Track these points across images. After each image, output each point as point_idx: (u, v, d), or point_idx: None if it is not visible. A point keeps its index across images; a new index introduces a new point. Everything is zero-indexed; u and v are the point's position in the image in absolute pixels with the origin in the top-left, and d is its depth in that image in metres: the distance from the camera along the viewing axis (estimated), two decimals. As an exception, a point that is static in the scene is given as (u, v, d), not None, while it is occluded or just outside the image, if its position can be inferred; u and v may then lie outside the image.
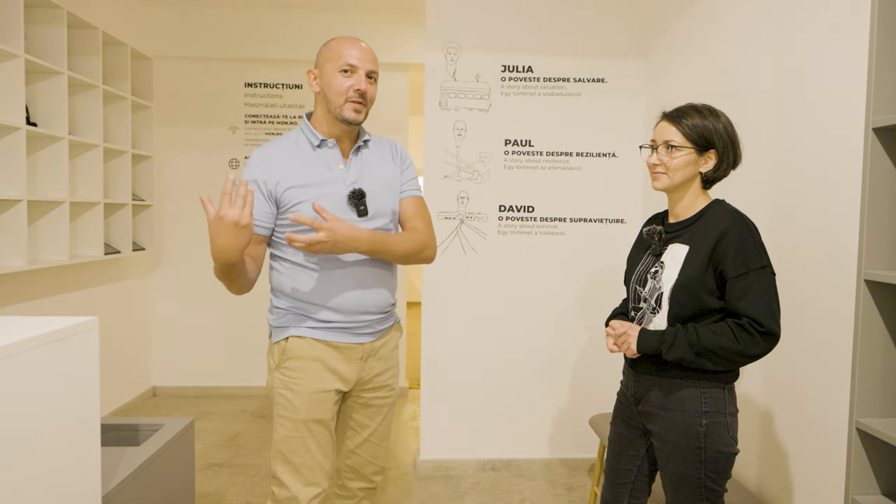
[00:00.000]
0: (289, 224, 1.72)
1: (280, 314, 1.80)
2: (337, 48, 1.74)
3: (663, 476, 1.68)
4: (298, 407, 1.75)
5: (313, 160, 1.76)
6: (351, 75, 1.72)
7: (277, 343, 1.79)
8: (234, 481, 3.14)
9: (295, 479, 1.76)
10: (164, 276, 4.58)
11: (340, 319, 1.78)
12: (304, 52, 4.38)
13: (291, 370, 1.76)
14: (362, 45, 1.77)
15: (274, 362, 1.79)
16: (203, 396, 4.58)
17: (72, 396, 1.42)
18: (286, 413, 1.76)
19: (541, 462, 3.34)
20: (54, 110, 3.27)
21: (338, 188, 1.75)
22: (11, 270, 2.90)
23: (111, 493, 1.72)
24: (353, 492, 1.97)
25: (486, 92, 3.24)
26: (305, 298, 1.76)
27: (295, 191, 1.71)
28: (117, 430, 2.22)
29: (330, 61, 1.73)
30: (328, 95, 1.74)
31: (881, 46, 1.41)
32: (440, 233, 3.24)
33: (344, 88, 1.72)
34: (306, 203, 1.71)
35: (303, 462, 1.76)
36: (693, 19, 2.79)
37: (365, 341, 1.83)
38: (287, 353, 1.77)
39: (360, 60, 1.73)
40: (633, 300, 1.74)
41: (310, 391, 1.76)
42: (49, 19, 3.24)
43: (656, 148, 1.67)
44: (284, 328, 1.78)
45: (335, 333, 1.78)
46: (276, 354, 1.79)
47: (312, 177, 1.74)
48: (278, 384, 1.78)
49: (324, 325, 1.77)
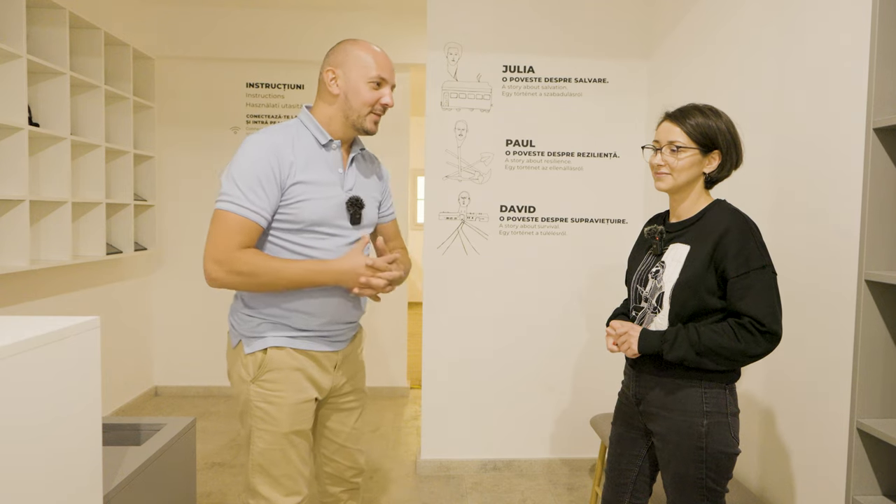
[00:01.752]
0: (284, 220, 1.66)
1: (253, 322, 1.71)
2: (366, 57, 1.70)
3: (664, 476, 1.68)
4: (279, 419, 1.70)
5: (318, 159, 1.70)
6: (380, 88, 1.72)
7: (252, 354, 1.70)
8: (235, 481, 3.14)
9: (275, 490, 1.72)
10: (165, 276, 4.59)
11: (318, 327, 1.73)
12: (306, 53, 4.39)
13: (271, 382, 1.70)
14: (384, 54, 1.75)
15: (249, 374, 1.71)
16: (204, 396, 4.58)
17: (73, 396, 1.42)
18: (266, 426, 1.70)
19: (542, 462, 3.34)
20: (56, 110, 3.28)
21: (337, 192, 1.72)
22: (14, 270, 2.91)
23: (112, 492, 1.73)
24: (336, 496, 1.96)
25: (488, 92, 3.24)
26: (285, 305, 1.69)
27: (301, 187, 1.65)
28: (119, 430, 2.22)
29: (358, 69, 1.70)
30: (352, 103, 1.70)
31: (882, 46, 1.41)
32: (441, 233, 3.25)
33: (372, 100, 1.70)
34: (311, 201, 1.66)
35: (284, 473, 1.72)
36: (694, 20, 2.79)
37: (339, 349, 1.81)
38: (266, 366, 1.69)
39: (389, 73, 1.73)
40: (635, 300, 1.74)
41: (290, 403, 1.71)
42: (51, 20, 3.25)
43: (660, 148, 1.66)
44: (260, 338, 1.70)
45: (312, 342, 1.74)
46: (250, 366, 1.70)
47: (318, 175, 1.69)
48: (255, 397, 1.70)
49: (302, 334, 1.72)
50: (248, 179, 1.59)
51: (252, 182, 1.59)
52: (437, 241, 3.26)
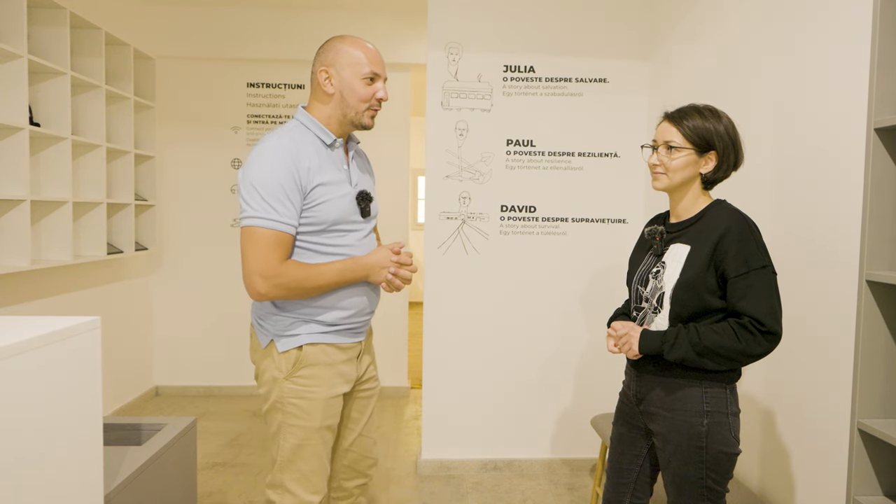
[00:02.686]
0: (308, 223, 1.69)
1: (286, 321, 1.75)
2: (357, 54, 1.73)
3: (665, 476, 1.68)
4: (313, 414, 1.74)
5: (326, 159, 1.74)
6: (374, 83, 1.75)
7: (287, 352, 1.74)
8: (236, 481, 3.14)
9: (303, 487, 1.75)
10: (166, 276, 4.59)
11: (347, 321, 1.79)
12: (307, 52, 4.34)
13: (306, 378, 1.74)
14: (374, 47, 1.79)
15: (283, 372, 1.74)
16: (205, 396, 4.59)
17: (74, 396, 1.43)
18: (298, 422, 1.74)
19: (543, 462, 3.34)
20: (57, 110, 3.28)
21: (347, 189, 1.77)
22: (15, 270, 2.91)
23: (113, 492, 1.73)
24: (349, 491, 1.98)
25: (488, 92, 3.24)
26: (316, 303, 1.74)
27: (321, 189, 1.69)
28: (120, 430, 2.23)
29: (351, 66, 1.72)
30: (348, 100, 1.73)
31: (883, 46, 1.41)
32: (442, 233, 3.25)
33: (368, 96, 1.74)
34: (329, 202, 1.70)
35: (312, 469, 1.76)
36: (695, 20, 2.79)
37: (361, 339, 1.87)
38: (302, 362, 1.73)
39: (381, 68, 1.76)
40: (635, 300, 1.74)
41: (323, 398, 1.75)
42: (52, 20, 3.25)
43: (657, 148, 1.67)
44: (294, 336, 1.74)
45: (341, 335, 1.79)
46: (284, 364, 1.74)
47: (330, 176, 1.73)
48: (289, 393, 1.74)
49: (332, 329, 1.77)
50: (273, 191, 1.61)
51: (277, 193, 1.61)
52: (437, 240, 3.26)
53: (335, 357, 1.78)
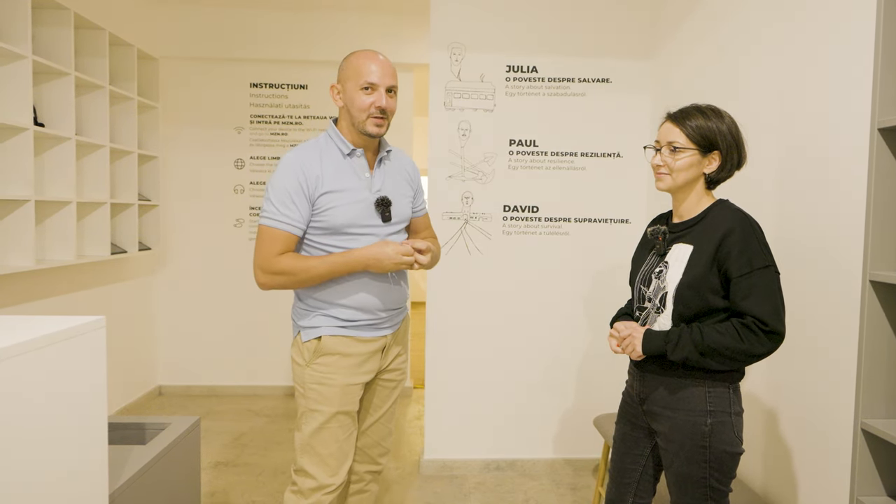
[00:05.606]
0: (319, 227, 1.85)
1: (308, 314, 1.91)
2: (357, 66, 1.85)
3: (668, 476, 1.68)
4: (331, 398, 1.87)
5: (344, 167, 1.88)
6: (371, 92, 1.84)
7: (308, 342, 1.89)
8: (239, 480, 3.15)
9: (321, 469, 1.87)
10: (169, 276, 4.60)
11: (365, 317, 1.91)
12: (309, 53, 4.40)
13: (323, 365, 1.88)
14: (380, 58, 1.87)
15: (304, 360, 1.89)
16: (209, 396, 4.60)
17: (79, 395, 1.43)
18: (317, 406, 1.87)
19: (545, 462, 3.34)
20: (61, 111, 3.29)
21: (365, 195, 1.89)
22: (19, 270, 2.92)
23: (118, 491, 1.74)
24: (360, 475, 2.08)
25: (491, 92, 3.24)
26: (331, 300, 1.88)
27: (330, 196, 1.84)
28: (124, 429, 2.23)
29: (351, 79, 1.85)
30: (351, 111, 1.86)
31: (886, 46, 1.41)
32: (444, 233, 3.25)
33: (365, 106, 1.84)
34: (338, 208, 1.83)
35: (330, 453, 1.88)
36: (698, 20, 2.79)
37: (388, 333, 1.98)
38: (320, 351, 1.88)
39: (380, 77, 1.84)
40: (638, 300, 1.74)
41: (340, 384, 1.88)
42: (56, 20, 3.26)
43: (660, 149, 1.67)
44: (315, 328, 1.89)
45: (361, 330, 1.91)
46: (305, 353, 1.89)
47: (344, 183, 1.86)
48: (310, 379, 1.88)
49: (351, 324, 1.90)
50: (280, 195, 1.81)
51: (283, 198, 1.81)
52: (440, 241, 3.26)
53: (354, 348, 1.90)
